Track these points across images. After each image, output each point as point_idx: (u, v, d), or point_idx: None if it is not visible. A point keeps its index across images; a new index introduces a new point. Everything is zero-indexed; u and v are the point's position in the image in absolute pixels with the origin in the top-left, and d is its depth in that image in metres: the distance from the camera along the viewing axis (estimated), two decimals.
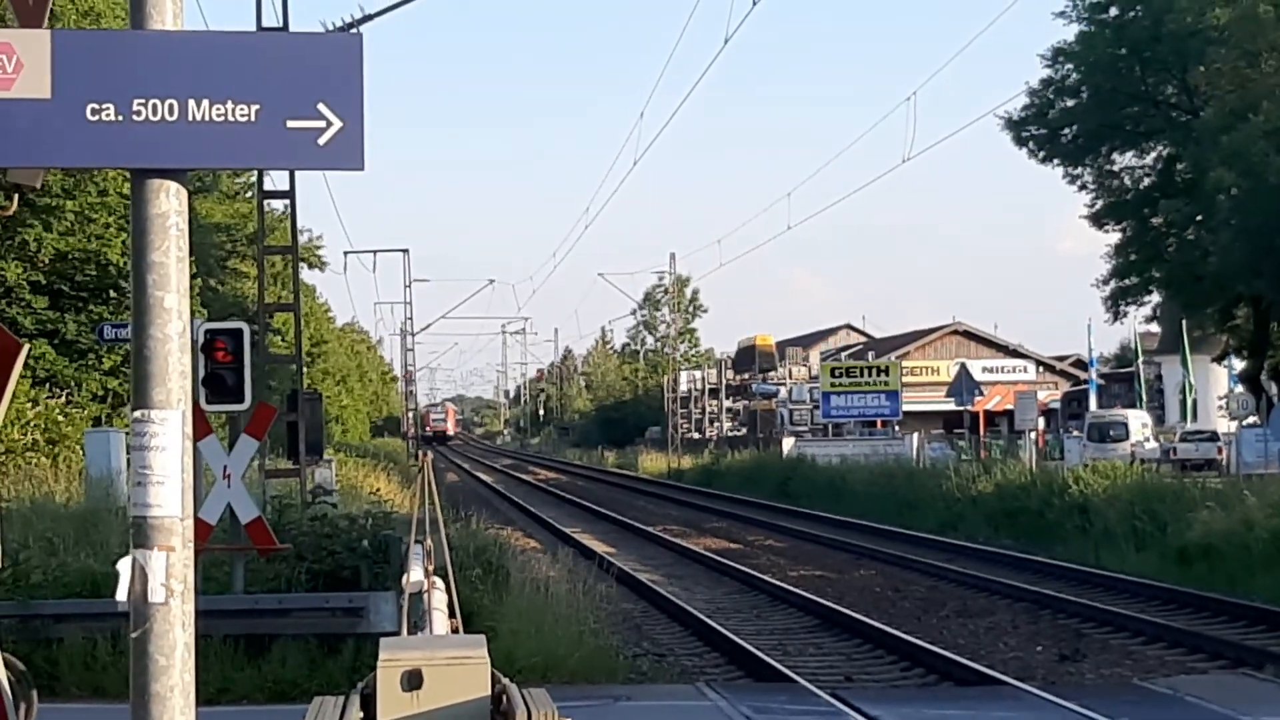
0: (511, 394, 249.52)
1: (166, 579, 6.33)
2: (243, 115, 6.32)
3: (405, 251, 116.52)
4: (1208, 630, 23.07)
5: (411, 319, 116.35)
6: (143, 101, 6.28)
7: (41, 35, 6.33)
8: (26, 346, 8.22)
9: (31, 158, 6.54)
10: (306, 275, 57.96)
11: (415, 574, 13.51)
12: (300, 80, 6.38)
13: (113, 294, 42.38)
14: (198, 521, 20.33)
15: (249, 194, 56.98)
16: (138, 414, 6.32)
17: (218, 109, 6.31)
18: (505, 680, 7.33)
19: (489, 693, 7.09)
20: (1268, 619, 23.54)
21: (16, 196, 10.21)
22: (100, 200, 41.74)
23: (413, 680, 7.02)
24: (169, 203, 6.32)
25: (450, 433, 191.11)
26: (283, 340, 50.56)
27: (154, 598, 6.31)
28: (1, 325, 8.24)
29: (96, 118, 6.25)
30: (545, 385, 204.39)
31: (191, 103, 6.30)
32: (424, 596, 11.38)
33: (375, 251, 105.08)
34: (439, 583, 11.17)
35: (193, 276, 44.40)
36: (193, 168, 6.55)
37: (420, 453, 14.14)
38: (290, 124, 6.36)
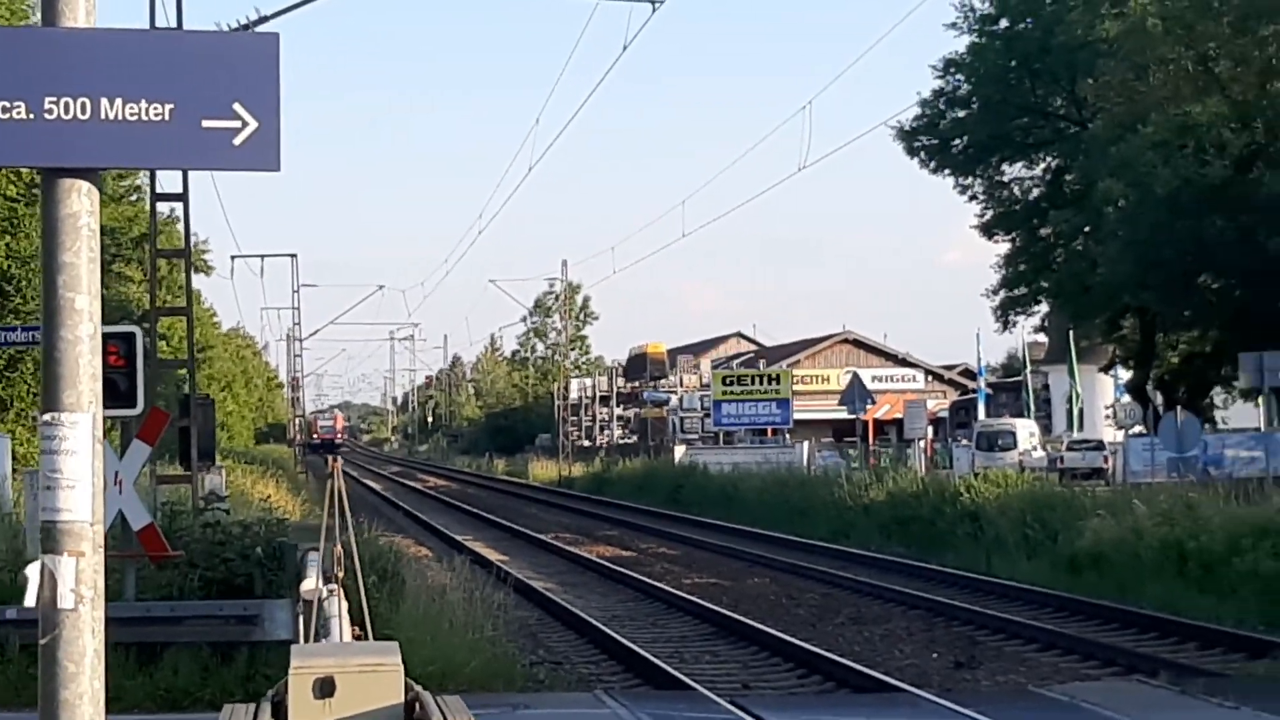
0: (399, 401, 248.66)
1: (76, 585, 6.22)
2: (156, 114, 6.22)
3: (293, 256, 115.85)
4: (1100, 637, 23.26)
5: (299, 324, 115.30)
6: (54, 100, 6.17)
7: None
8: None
9: None
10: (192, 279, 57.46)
11: (312, 581, 13.41)
12: (216, 79, 6.29)
13: None
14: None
15: (134, 197, 56.36)
16: (48, 417, 6.21)
17: (131, 108, 6.21)
18: (418, 688, 7.26)
19: (402, 700, 7.02)
20: (1158, 626, 23.77)
21: None
22: None
23: (325, 688, 6.93)
24: (80, 203, 6.21)
25: (339, 440, 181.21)
26: (168, 345, 50.05)
27: (63, 604, 6.21)
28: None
29: (7, 115, 6.14)
30: (434, 392, 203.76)
31: (104, 101, 6.20)
32: (322, 604, 11.27)
33: (263, 256, 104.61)
34: (337, 590, 11.06)
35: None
36: (105, 167, 6.44)
37: (329, 459, 13.82)
38: (205, 124, 6.27)
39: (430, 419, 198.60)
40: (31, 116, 6.15)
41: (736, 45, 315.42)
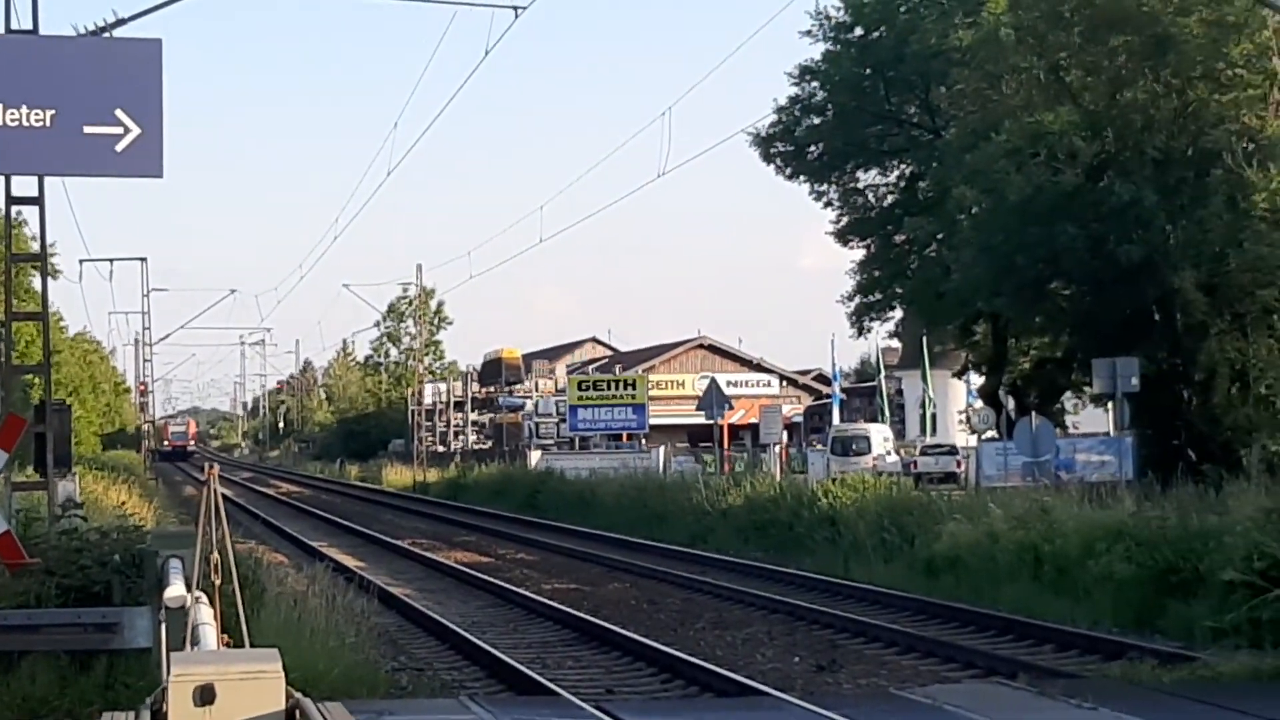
0: (250, 406, 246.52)
1: None
2: (38, 120, 6.22)
3: (143, 260, 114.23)
4: (959, 640, 23.53)
5: (149, 329, 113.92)
6: None
7: None
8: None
9: None
10: (39, 283, 56.78)
11: (176, 589, 13.29)
12: (98, 86, 6.29)
13: None
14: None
15: None
16: None
17: (12, 114, 6.21)
18: (298, 695, 7.24)
19: (283, 707, 7.00)
20: (1014, 628, 24.10)
21: None
22: None
23: (205, 695, 6.89)
24: None
25: (191, 448, 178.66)
26: (15, 351, 49.34)
27: None
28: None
29: None
30: (285, 397, 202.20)
31: None
32: (188, 611, 11.17)
33: (112, 260, 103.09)
34: (203, 597, 10.98)
35: None
36: None
37: (206, 466, 13.61)
38: (87, 130, 6.28)
39: (281, 424, 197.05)
40: None
41: (597, 52, 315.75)
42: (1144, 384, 37.86)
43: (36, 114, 6.18)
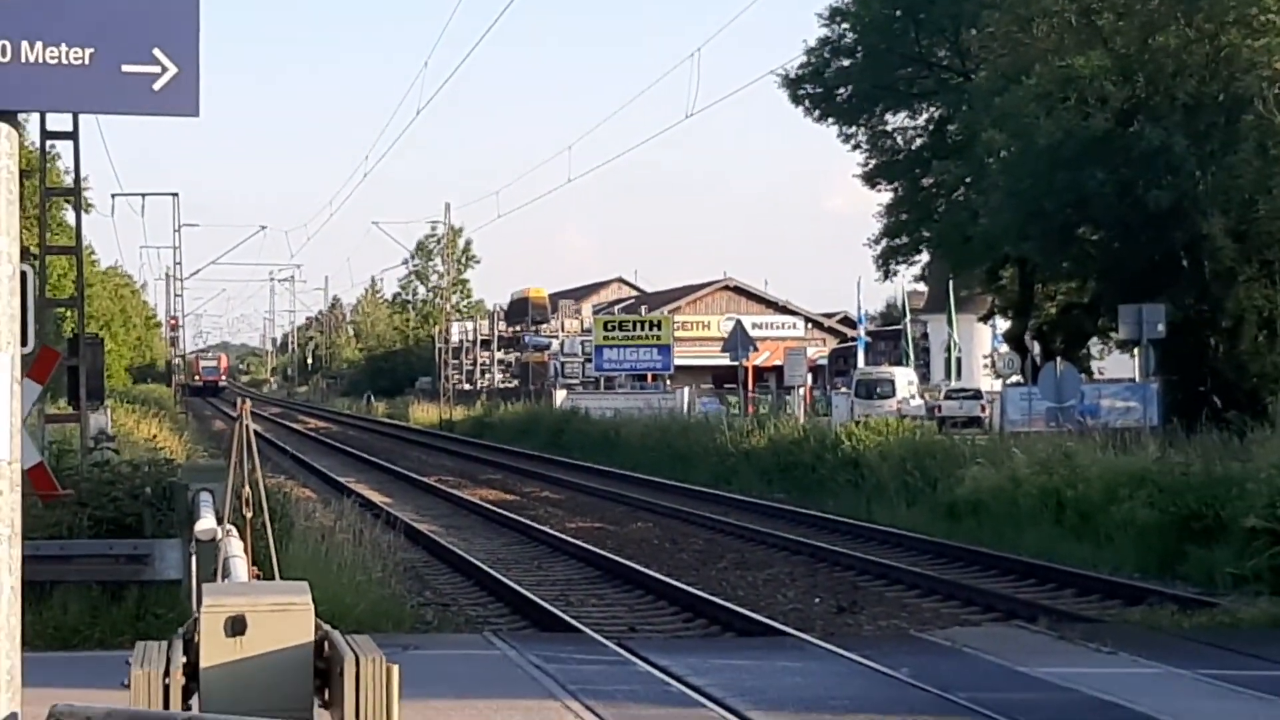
0: (278, 342, 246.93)
1: None
2: (76, 58, 6.26)
3: (175, 195, 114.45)
4: (980, 583, 23.68)
5: (180, 264, 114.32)
6: None
7: None
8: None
9: None
10: (70, 216, 56.97)
11: (207, 521, 13.46)
12: (136, 24, 6.33)
13: None
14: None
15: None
16: None
17: (51, 51, 6.24)
18: (327, 627, 7.37)
19: (312, 639, 7.13)
20: (1036, 573, 24.22)
21: None
22: None
23: (236, 626, 7.02)
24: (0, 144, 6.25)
25: (223, 383, 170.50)
26: (48, 284, 49.58)
27: None
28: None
29: None
30: (314, 333, 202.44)
31: (24, 44, 6.23)
32: (218, 544, 11.33)
33: (144, 195, 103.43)
34: (234, 530, 11.12)
35: None
36: (25, 109, 6.48)
37: (239, 401, 13.65)
38: (125, 68, 6.31)
39: (310, 361, 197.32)
40: None
41: None
42: (1170, 330, 37.83)
43: (75, 52, 6.21)
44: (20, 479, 6.43)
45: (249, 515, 9.84)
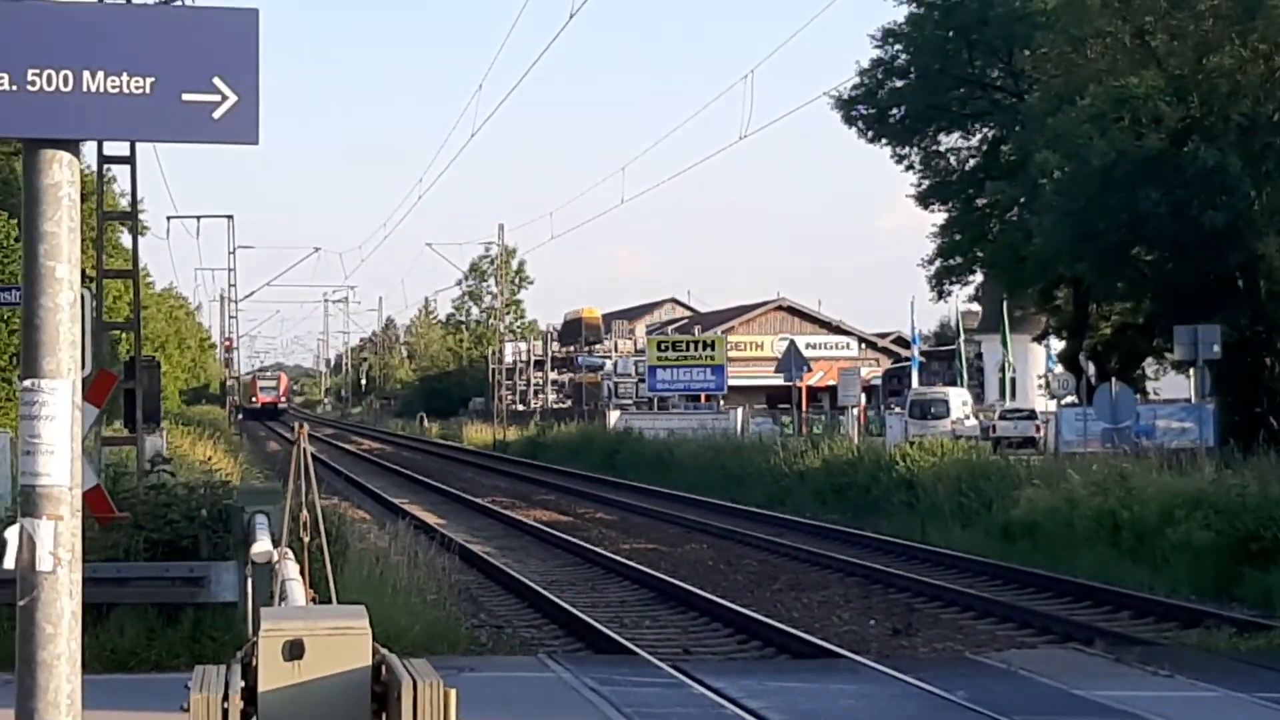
0: (332, 363, 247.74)
1: (55, 547, 6.35)
2: (137, 87, 6.32)
3: (230, 218, 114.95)
4: (1035, 605, 23.58)
5: (234, 285, 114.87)
6: (37, 71, 6.26)
7: None
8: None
9: None
10: (126, 239, 57.31)
11: (263, 544, 13.50)
12: (196, 54, 6.39)
13: None
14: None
15: None
16: (28, 383, 6.32)
17: (113, 81, 6.30)
18: (384, 651, 7.40)
19: (370, 663, 7.16)
20: (1092, 595, 24.12)
21: None
22: None
23: (294, 650, 7.05)
24: (61, 173, 6.31)
25: (282, 405, 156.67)
26: (104, 306, 49.84)
27: (42, 566, 6.33)
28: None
29: None
30: (367, 354, 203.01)
31: (86, 74, 6.29)
32: (274, 567, 11.37)
33: (199, 217, 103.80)
34: (289, 553, 11.16)
35: (15, 239, 43.84)
36: (87, 138, 6.55)
37: (296, 425, 13.59)
38: (185, 97, 6.37)
39: (364, 382, 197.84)
40: (15, 88, 6.24)
41: (681, 14, 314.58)
42: (1226, 351, 37.70)
43: (136, 81, 6.27)
44: (80, 504, 6.50)
45: (306, 538, 9.90)
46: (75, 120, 6.29)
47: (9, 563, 6.36)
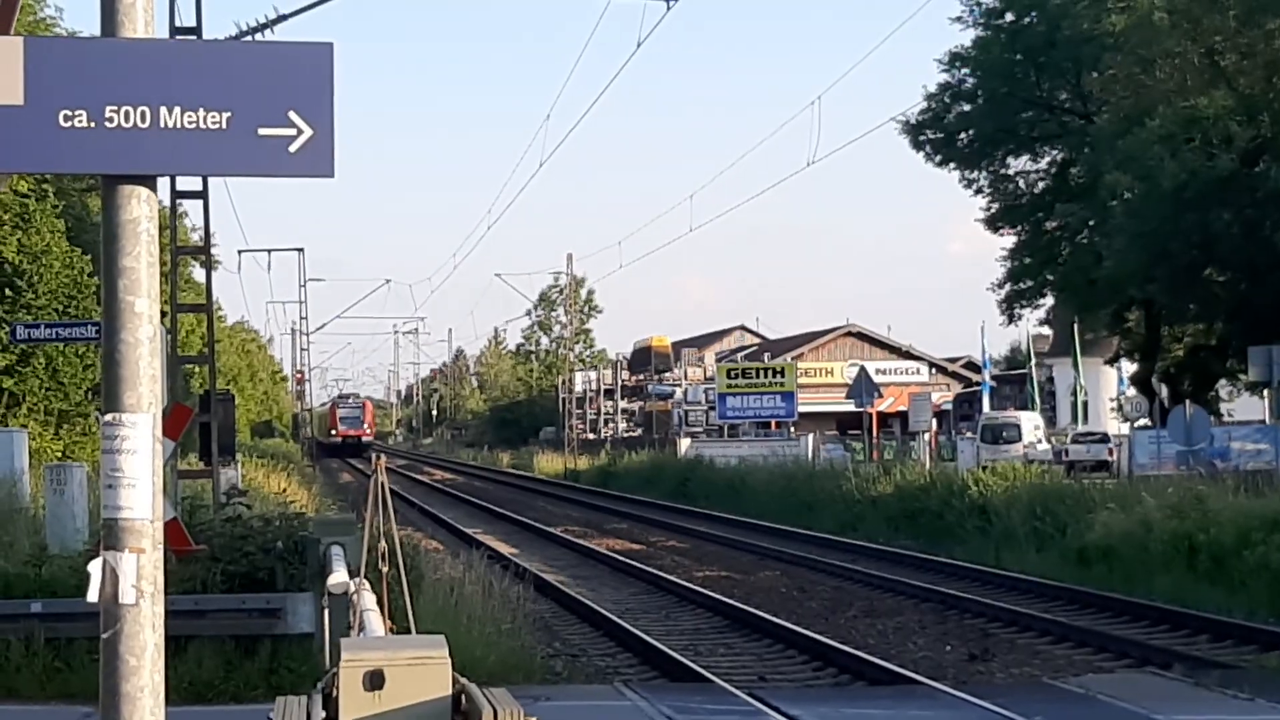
0: (403, 394, 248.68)
1: (137, 580, 6.40)
2: (214, 123, 6.37)
3: (300, 251, 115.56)
4: (1112, 630, 23.41)
5: (305, 318, 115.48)
6: (115, 108, 6.32)
7: (14, 42, 6.37)
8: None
9: (3, 163, 6.58)
10: (198, 273, 57.68)
11: (340, 575, 13.57)
12: (271, 88, 6.43)
13: (8, 292, 42.03)
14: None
15: None
16: (109, 417, 6.37)
17: (189, 116, 6.35)
18: (464, 680, 7.42)
19: (450, 693, 7.18)
20: (1169, 619, 23.93)
21: None
22: None
23: (375, 680, 7.09)
24: (140, 209, 6.36)
25: (367, 438, 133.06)
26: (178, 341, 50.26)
27: (125, 599, 6.38)
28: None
29: (69, 124, 6.28)
30: (438, 385, 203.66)
31: (163, 110, 6.35)
32: (351, 598, 11.42)
33: (270, 250, 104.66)
34: (366, 584, 11.22)
35: (89, 275, 44.27)
36: (164, 174, 6.61)
37: (374, 457, 13.48)
38: (261, 131, 6.41)
39: (435, 412, 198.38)
40: (93, 125, 6.30)
41: (747, 41, 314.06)
42: None
43: (213, 116, 6.32)
44: (162, 537, 6.55)
45: (385, 569, 9.94)
46: (153, 156, 6.35)
47: (92, 596, 6.42)
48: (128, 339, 6.34)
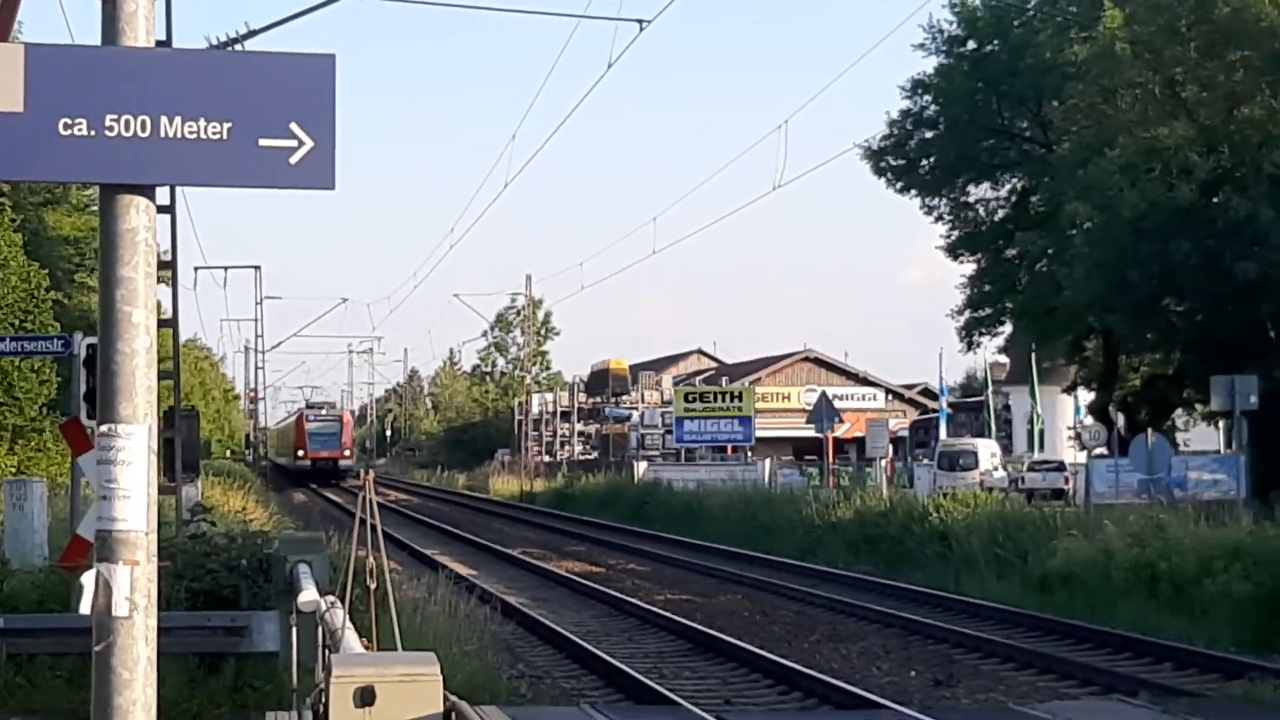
0: (357, 414, 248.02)
1: (131, 593, 6.36)
2: (214, 133, 6.34)
3: (257, 268, 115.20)
4: (1076, 656, 23.44)
5: (261, 336, 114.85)
6: (115, 117, 6.28)
7: (15, 49, 6.33)
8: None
9: (2, 171, 6.53)
10: (161, 290, 57.49)
11: (309, 593, 13.51)
12: (273, 100, 6.41)
13: None
14: (76, 539, 20.16)
15: (96, 206, 56.12)
16: (104, 428, 6.33)
17: (190, 126, 6.32)
18: (454, 697, 7.38)
19: (441, 710, 7.14)
20: (1132, 646, 23.98)
21: None
22: None
23: (365, 696, 7.05)
24: (139, 218, 6.33)
25: (345, 462, 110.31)
26: None
27: (118, 611, 6.34)
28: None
29: (69, 132, 6.25)
30: (392, 405, 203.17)
31: (164, 119, 6.32)
32: (322, 616, 11.38)
33: (226, 268, 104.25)
34: (338, 602, 11.19)
35: (46, 289, 43.97)
36: (164, 184, 6.58)
37: (361, 472, 13.50)
38: (262, 143, 6.39)
39: (389, 433, 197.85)
40: (93, 134, 6.27)
41: (715, 65, 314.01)
42: (1259, 402, 37.57)
43: (214, 127, 6.29)
44: (156, 550, 6.50)
45: (373, 585, 9.91)
46: (153, 166, 6.31)
47: (85, 608, 6.38)
48: (124, 349, 6.30)
